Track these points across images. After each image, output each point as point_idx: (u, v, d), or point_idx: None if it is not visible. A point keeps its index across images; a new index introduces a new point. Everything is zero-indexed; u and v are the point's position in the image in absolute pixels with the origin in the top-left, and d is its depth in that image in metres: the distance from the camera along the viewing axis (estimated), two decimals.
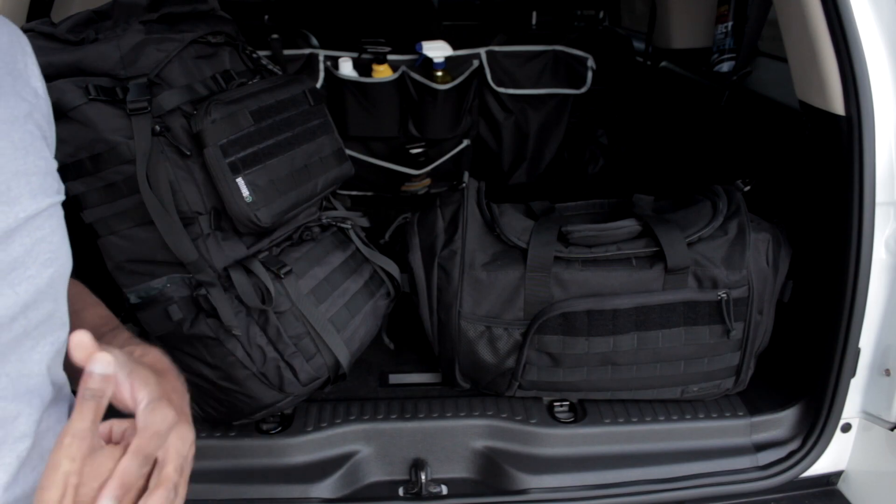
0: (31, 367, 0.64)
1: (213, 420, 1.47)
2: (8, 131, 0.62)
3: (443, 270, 1.54)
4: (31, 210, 0.62)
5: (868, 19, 1.35)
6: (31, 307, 0.62)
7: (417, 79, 2.18)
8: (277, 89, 1.46)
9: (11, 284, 0.60)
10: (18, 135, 0.63)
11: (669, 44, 2.44)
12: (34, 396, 0.64)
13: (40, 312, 0.64)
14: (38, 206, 0.63)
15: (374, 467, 1.52)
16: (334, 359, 1.47)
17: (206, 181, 1.32)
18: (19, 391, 0.62)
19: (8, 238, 0.60)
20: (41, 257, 0.63)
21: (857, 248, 1.38)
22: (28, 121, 0.65)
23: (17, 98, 0.65)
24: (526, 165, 2.43)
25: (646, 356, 1.51)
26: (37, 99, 0.68)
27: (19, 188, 0.61)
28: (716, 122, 2.13)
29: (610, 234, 1.50)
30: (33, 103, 0.67)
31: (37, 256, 0.62)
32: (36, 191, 0.63)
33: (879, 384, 1.47)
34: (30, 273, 0.62)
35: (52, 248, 0.64)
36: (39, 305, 0.63)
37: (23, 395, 0.63)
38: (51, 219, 0.65)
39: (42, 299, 0.63)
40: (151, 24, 1.34)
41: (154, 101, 1.28)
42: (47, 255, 0.63)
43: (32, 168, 0.64)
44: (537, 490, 1.46)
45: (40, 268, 0.63)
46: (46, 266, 0.63)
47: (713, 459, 1.52)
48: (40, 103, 0.69)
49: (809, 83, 1.48)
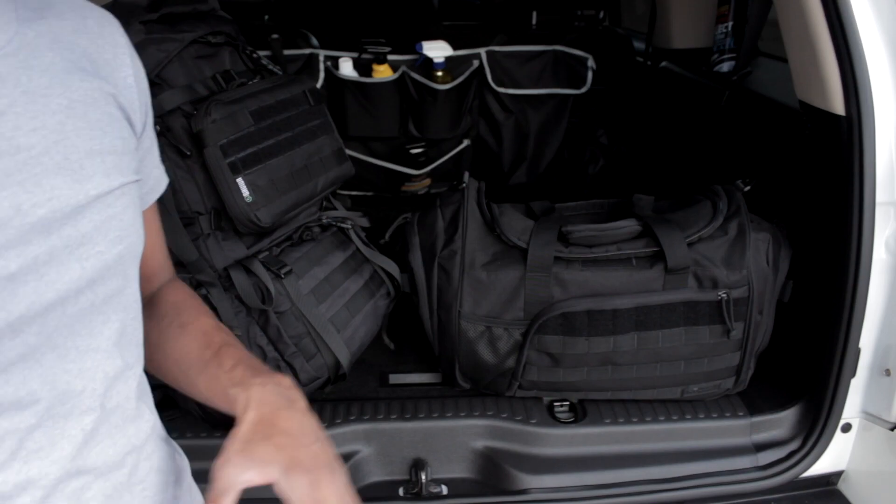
0: (99, 341, 0.65)
1: (214, 420, 1.47)
2: (84, 111, 0.63)
3: (443, 270, 1.54)
4: (103, 188, 0.63)
5: (868, 19, 1.35)
6: (98, 282, 0.63)
7: (418, 79, 2.18)
8: (277, 89, 1.46)
9: (79, 259, 0.61)
10: (96, 115, 0.65)
11: (669, 44, 2.43)
12: (99, 371, 0.65)
13: (108, 288, 0.65)
14: (111, 184, 0.64)
15: (375, 467, 1.52)
16: (334, 359, 1.47)
17: (206, 181, 1.32)
18: (86, 365, 0.64)
19: (78, 214, 0.61)
20: (111, 234, 0.64)
21: (857, 248, 1.38)
22: (109, 102, 0.67)
23: (98, 80, 0.66)
24: (526, 165, 2.44)
25: (646, 356, 1.51)
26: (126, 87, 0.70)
27: (93, 166, 0.63)
28: (716, 122, 2.13)
29: (610, 234, 1.50)
30: (119, 87, 0.68)
31: (106, 233, 0.63)
32: (110, 169, 0.64)
33: (879, 384, 1.47)
34: (98, 249, 0.63)
35: (122, 226, 0.65)
36: (107, 281, 0.64)
37: (89, 369, 0.64)
38: (123, 197, 0.66)
39: (110, 275, 0.64)
40: (152, 24, 1.34)
41: (154, 101, 1.28)
42: (117, 233, 0.64)
43: (108, 147, 0.65)
44: (537, 490, 1.46)
45: (109, 244, 0.64)
46: (116, 243, 0.64)
47: (713, 459, 1.52)
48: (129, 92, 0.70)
49: (809, 83, 1.48)
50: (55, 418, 0.61)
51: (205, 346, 0.77)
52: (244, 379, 0.72)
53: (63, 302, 0.60)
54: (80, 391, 0.63)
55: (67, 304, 0.61)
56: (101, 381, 0.65)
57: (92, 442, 0.65)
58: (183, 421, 1.52)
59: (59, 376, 0.61)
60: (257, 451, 0.65)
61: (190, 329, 0.80)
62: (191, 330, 0.79)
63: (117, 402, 0.68)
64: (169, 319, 0.81)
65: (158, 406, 1.62)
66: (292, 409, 0.70)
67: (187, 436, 1.49)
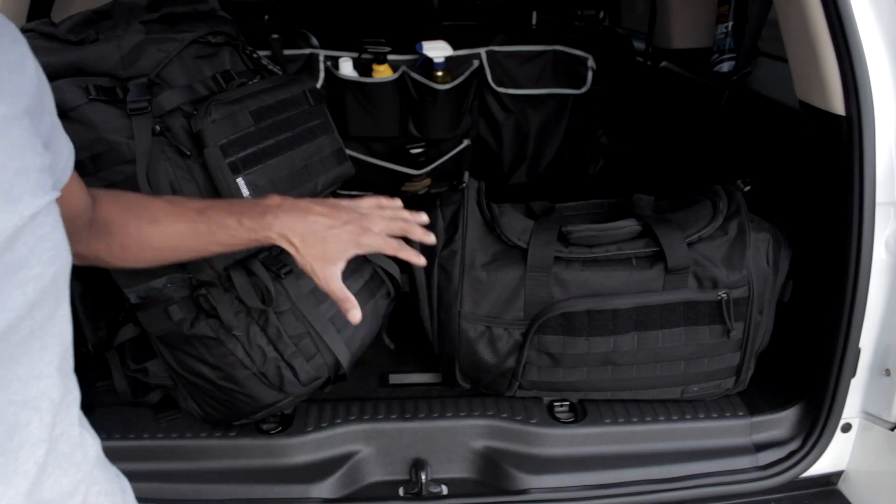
0: (41, 368, 0.63)
1: (214, 420, 1.47)
2: (6, 128, 0.61)
3: (443, 270, 1.54)
4: (33, 208, 0.60)
5: (868, 19, 1.35)
6: (37, 306, 0.61)
7: (418, 79, 2.17)
8: (277, 89, 1.46)
9: (20, 284, 0.59)
10: (17, 132, 0.62)
11: (669, 44, 2.43)
12: (45, 399, 0.63)
13: (45, 311, 0.63)
14: (39, 203, 0.61)
15: (375, 467, 1.52)
16: (335, 359, 1.47)
17: (206, 181, 1.32)
18: (31, 395, 0.62)
19: (15, 238, 0.59)
20: (44, 255, 0.62)
21: (858, 248, 1.38)
22: (25, 117, 0.64)
23: (15, 93, 0.64)
24: (526, 165, 2.43)
25: (646, 356, 1.51)
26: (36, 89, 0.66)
27: (21, 186, 0.60)
28: (716, 122, 2.13)
29: (610, 234, 1.50)
30: (32, 95, 0.65)
31: (40, 255, 0.61)
32: (35, 188, 0.62)
33: (879, 384, 1.47)
34: (35, 272, 0.61)
35: (53, 246, 0.63)
36: (44, 304, 0.62)
37: (34, 398, 0.62)
38: (49, 216, 0.63)
39: (46, 298, 0.62)
40: (152, 24, 1.34)
41: (154, 102, 1.28)
42: (50, 253, 0.62)
43: (31, 164, 0.62)
44: (537, 490, 1.46)
45: (44, 266, 0.62)
46: (50, 264, 0.62)
47: (713, 459, 1.52)
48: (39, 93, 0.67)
49: (809, 83, 1.48)
50: (6, 454, 0.59)
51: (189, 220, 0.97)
52: (251, 219, 0.97)
53: (8, 332, 0.58)
54: (27, 422, 0.61)
55: (11, 333, 0.59)
56: (49, 410, 0.63)
57: (44, 475, 0.63)
58: (183, 421, 1.52)
59: (4, 409, 0.59)
60: (332, 255, 0.97)
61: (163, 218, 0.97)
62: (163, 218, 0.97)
63: (62, 430, 0.66)
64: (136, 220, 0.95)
65: (158, 406, 1.63)
66: (307, 210, 0.98)
67: (187, 436, 1.49)
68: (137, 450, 1.47)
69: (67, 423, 0.67)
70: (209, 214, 0.98)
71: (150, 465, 1.46)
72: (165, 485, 1.44)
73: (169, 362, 1.42)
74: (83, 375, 0.71)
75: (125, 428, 1.50)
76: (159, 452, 1.48)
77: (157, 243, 0.97)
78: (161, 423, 1.51)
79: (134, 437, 1.48)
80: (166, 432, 1.50)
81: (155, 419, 1.52)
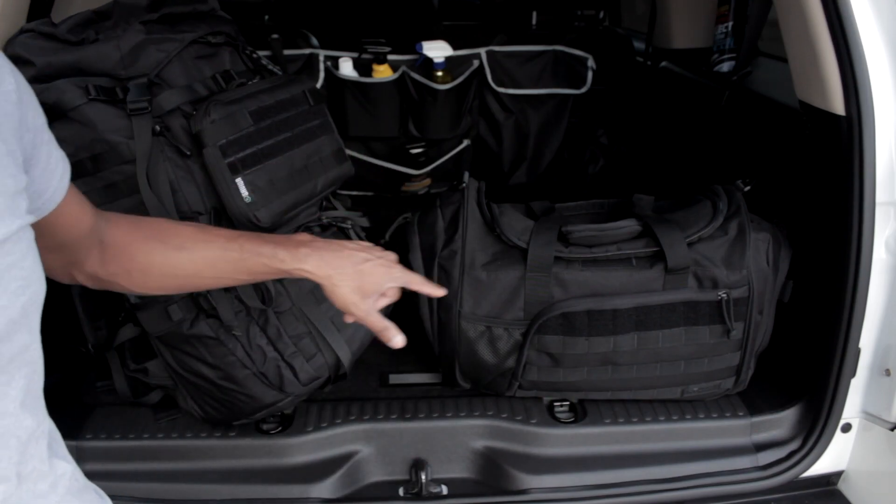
0: (6, 404, 0.59)
1: (214, 420, 1.47)
2: None
3: (443, 270, 1.54)
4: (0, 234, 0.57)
5: (868, 19, 1.35)
6: (4, 340, 0.57)
7: (418, 79, 2.18)
8: (277, 89, 1.46)
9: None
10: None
11: (669, 44, 2.43)
12: (10, 437, 0.60)
13: (14, 346, 0.59)
14: (8, 229, 0.57)
15: (375, 467, 1.52)
16: (335, 358, 1.47)
17: (206, 181, 1.32)
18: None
19: None
20: (12, 285, 0.57)
21: (857, 248, 1.38)
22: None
23: None
24: (526, 165, 2.43)
25: (646, 356, 1.51)
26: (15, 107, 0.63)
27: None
28: (716, 122, 2.13)
29: (610, 234, 1.50)
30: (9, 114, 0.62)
31: (7, 285, 0.57)
32: (3, 213, 0.57)
33: (879, 384, 1.47)
34: (1, 304, 0.56)
35: (24, 275, 0.59)
36: (13, 338, 0.58)
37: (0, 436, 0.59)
38: (20, 242, 0.59)
39: (15, 331, 0.58)
40: (151, 25, 1.34)
41: (154, 102, 1.28)
42: (19, 283, 0.58)
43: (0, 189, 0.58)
44: (537, 490, 1.46)
45: (11, 297, 0.57)
46: (18, 295, 0.58)
47: (713, 459, 1.52)
48: (20, 111, 0.63)
49: (809, 83, 1.48)
50: None
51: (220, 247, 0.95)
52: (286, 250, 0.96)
53: None
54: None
55: None
56: (16, 448, 0.60)
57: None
58: (183, 421, 1.52)
59: None
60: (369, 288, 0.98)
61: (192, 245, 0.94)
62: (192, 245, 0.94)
63: (33, 465, 0.63)
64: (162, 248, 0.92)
65: (158, 406, 1.63)
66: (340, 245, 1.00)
67: (187, 436, 1.49)
68: (137, 450, 1.47)
69: (38, 458, 0.65)
70: (241, 242, 0.96)
71: (150, 465, 1.46)
72: (165, 485, 1.44)
73: (169, 362, 1.42)
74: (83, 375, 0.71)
75: (125, 428, 1.50)
76: (159, 452, 1.48)
77: (183, 270, 0.94)
78: (161, 423, 1.52)
79: (134, 437, 1.48)
80: (166, 432, 1.50)
81: (155, 419, 1.52)
